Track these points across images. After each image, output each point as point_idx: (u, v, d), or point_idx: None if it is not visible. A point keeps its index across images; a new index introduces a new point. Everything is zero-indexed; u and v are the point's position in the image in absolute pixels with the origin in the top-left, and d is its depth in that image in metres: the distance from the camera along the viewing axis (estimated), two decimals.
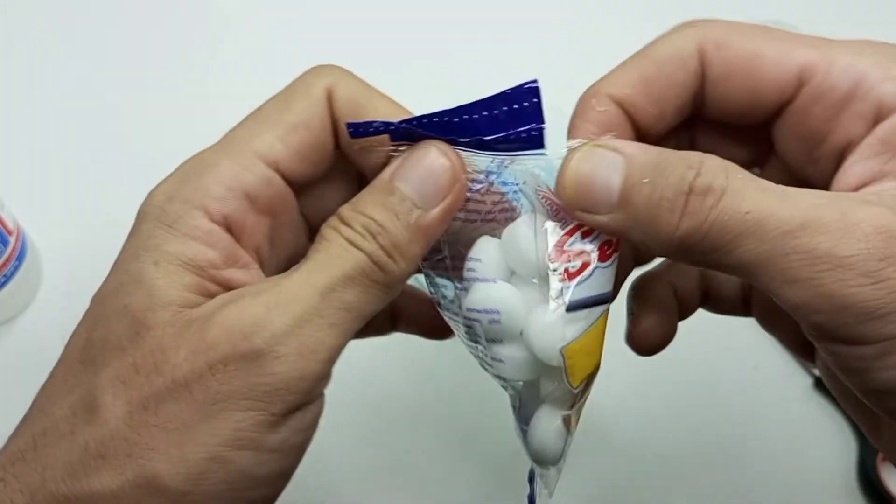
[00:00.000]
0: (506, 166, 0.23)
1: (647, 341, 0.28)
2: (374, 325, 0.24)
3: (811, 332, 0.21)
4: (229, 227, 0.22)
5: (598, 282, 0.23)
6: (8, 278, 0.39)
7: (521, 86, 0.21)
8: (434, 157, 0.22)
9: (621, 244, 0.23)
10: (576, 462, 0.39)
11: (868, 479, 0.38)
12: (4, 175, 0.43)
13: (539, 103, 0.22)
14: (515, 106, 0.22)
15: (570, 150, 0.22)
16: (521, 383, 0.25)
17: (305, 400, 0.20)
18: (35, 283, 0.42)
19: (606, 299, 0.23)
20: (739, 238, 0.20)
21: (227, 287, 0.21)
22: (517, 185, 0.23)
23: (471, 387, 0.41)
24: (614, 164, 0.21)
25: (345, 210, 0.22)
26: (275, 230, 0.24)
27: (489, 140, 0.22)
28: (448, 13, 0.58)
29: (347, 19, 0.56)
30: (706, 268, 0.23)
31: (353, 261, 0.21)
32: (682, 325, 0.43)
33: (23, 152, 0.48)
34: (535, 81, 0.21)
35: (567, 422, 0.25)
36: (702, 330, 0.44)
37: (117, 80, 0.51)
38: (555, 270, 0.23)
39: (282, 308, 0.20)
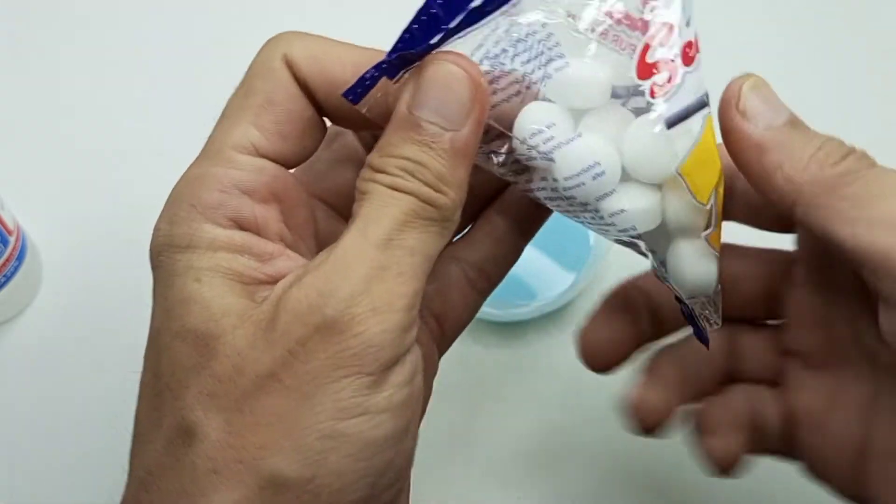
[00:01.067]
0: (511, 25, 0.21)
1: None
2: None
3: None
4: (242, 227, 0.21)
5: (689, 87, 0.21)
6: (8, 278, 0.39)
7: None
8: (444, 72, 0.20)
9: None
10: (574, 461, 0.39)
11: None
12: (4, 175, 0.43)
13: None
14: None
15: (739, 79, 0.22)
16: (652, 226, 0.23)
17: (396, 353, 0.19)
18: (35, 283, 0.42)
19: (703, 103, 0.22)
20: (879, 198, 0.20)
21: (275, 282, 0.20)
22: (537, 32, 0.21)
23: (463, 389, 0.41)
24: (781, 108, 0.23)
25: (374, 158, 0.20)
26: (287, 214, 0.22)
27: (477, 6, 0.20)
28: None
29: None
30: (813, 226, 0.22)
31: (400, 205, 0.20)
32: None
33: (23, 152, 0.48)
34: None
35: (711, 241, 0.23)
36: None
37: (118, 80, 0.51)
38: (640, 89, 0.21)
39: (342, 273, 0.19)
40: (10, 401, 0.39)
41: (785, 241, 0.28)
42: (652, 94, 0.21)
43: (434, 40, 0.21)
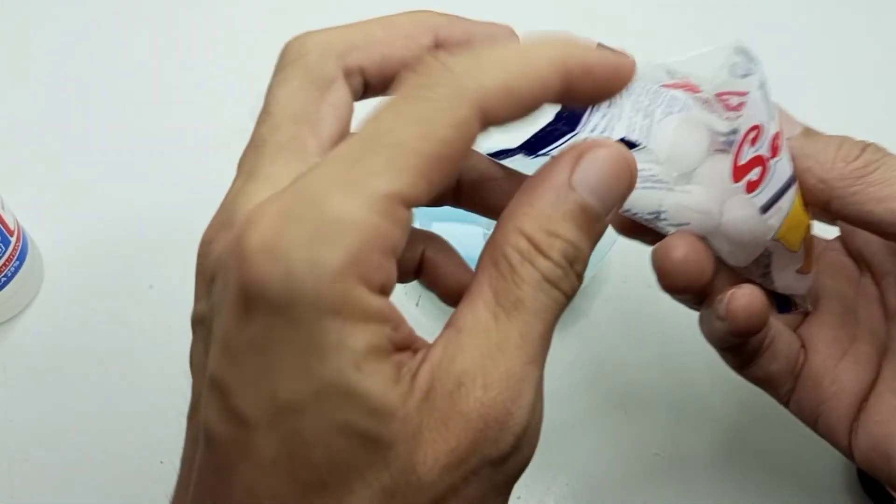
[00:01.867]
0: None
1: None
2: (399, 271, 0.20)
3: None
4: (384, 292, 0.18)
5: (778, 175, 0.24)
6: (9, 278, 0.39)
7: None
8: (614, 155, 0.19)
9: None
10: (573, 461, 0.39)
11: (868, 479, 0.38)
12: (5, 175, 0.43)
13: None
14: None
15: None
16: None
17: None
18: (36, 283, 0.42)
19: (791, 182, 0.25)
20: None
21: (405, 348, 0.19)
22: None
23: None
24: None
25: (531, 229, 0.19)
26: None
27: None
28: None
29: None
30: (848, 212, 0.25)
31: (556, 305, 0.19)
32: (681, 324, 0.43)
33: (24, 152, 0.48)
34: None
35: (802, 270, 0.27)
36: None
37: (118, 81, 0.51)
38: (738, 187, 0.25)
39: (518, 386, 0.18)
40: (10, 400, 0.39)
41: None
42: (748, 191, 0.25)
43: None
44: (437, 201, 0.22)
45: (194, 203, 0.46)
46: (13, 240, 0.39)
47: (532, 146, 0.25)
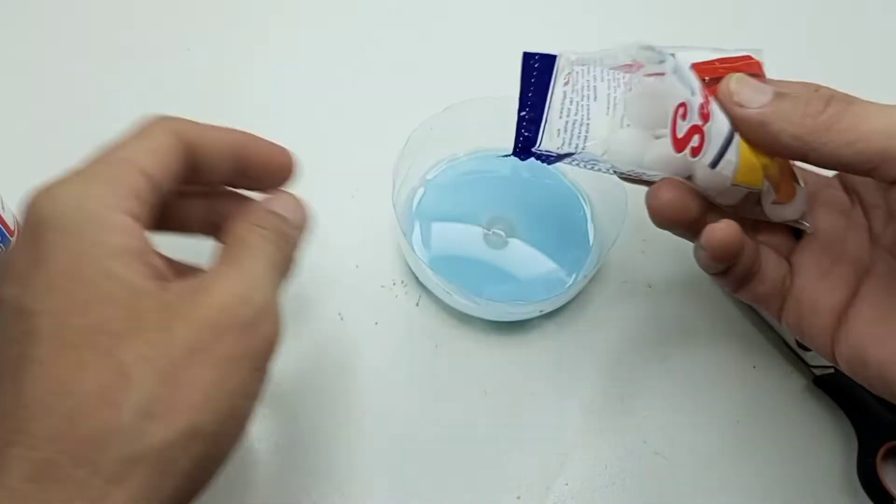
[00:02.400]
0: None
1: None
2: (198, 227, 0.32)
3: None
4: (135, 219, 0.26)
5: (716, 134, 0.29)
6: None
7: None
8: (295, 199, 0.31)
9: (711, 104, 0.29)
10: (573, 461, 0.39)
11: (868, 479, 0.38)
12: (5, 175, 0.43)
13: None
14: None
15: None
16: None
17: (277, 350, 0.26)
18: None
19: (730, 137, 0.29)
20: (872, 133, 0.27)
21: (156, 269, 0.26)
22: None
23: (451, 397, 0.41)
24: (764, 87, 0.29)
25: (253, 219, 0.29)
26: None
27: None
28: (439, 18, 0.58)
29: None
30: (832, 159, 0.28)
31: (272, 254, 0.28)
32: (681, 323, 0.43)
33: (23, 153, 0.48)
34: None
35: (778, 201, 0.32)
36: (700, 329, 0.44)
37: (118, 81, 0.51)
38: (683, 155, 0.30)
39: (255, 288, 0.26)
40: None
41: None
42: (692, 156, 0.30)
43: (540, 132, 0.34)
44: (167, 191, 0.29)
45: None
46: (13, 240, 0.39)
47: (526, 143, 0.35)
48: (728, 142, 0.29)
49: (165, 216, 0.30)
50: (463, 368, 0.41)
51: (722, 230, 0.30)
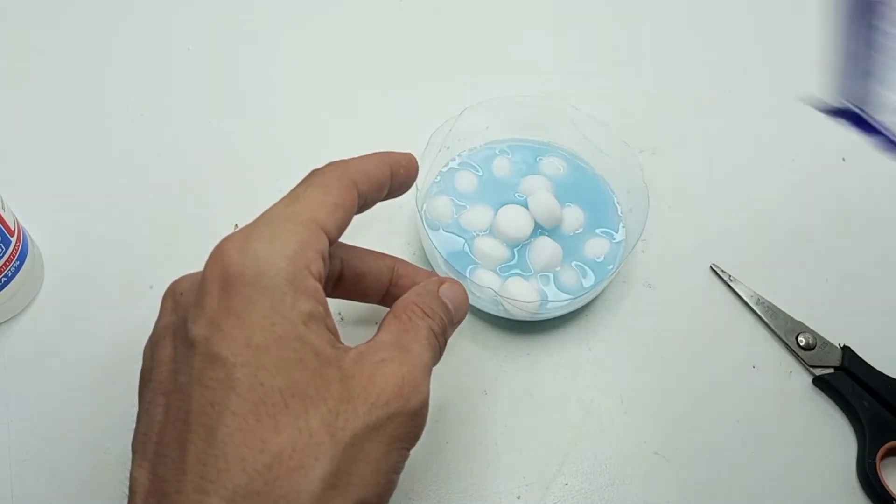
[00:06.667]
0: None
1: None
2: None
3: None
4: (319, 280, 0.27)
5: None
6: (9, 278, 0.39)
7: None
8: (462, 288, 0.34)
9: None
10: (573, 461, 0.39)
11: (868, 479, 0.38)
12: (5, 175, 0.43)
13: None
14: None
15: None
16: None
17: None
18: (36, 283, 0.42)
19: None
20: None
21: (333, 333, 0.27)
22: None
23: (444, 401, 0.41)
24: None
25: (423, 305, 0.31)
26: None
27: None
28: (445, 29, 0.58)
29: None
30: None
31: (433, 348, 0.30)
32: (681, 323, 0.43)
33: (24, 152, 0.48)
34: None
35: None
36: (700, 328, 0.44)
37: (118, 81, 0.51)
38: None
39: (423, 379, 0.27)
40: (10, 400, 0.39)
41: None
42: None
43: None
44: (330, 281, 0.33)
45: (195, 203, 0.46)
46: (13, 240, 0.39)
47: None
48: None
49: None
50: (463, 368, 0.41)
51: None
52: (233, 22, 0.55)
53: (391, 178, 0.32)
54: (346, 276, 0.34)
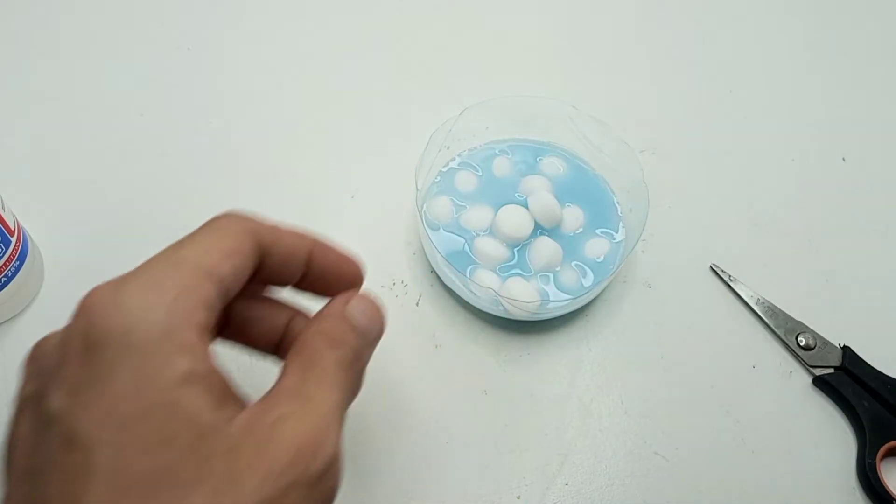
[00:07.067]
0: None
1: None
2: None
3: None
4: (202, 334, 0.23)
5: None
6: (9, 278, 0.39)
7: None
8: (374, 301, 0.29)
9: None
10: (573, 461, 0.39)
11: (867, 479, 0.38)
12: (5, 175, 0.43)
13: None
14: None
15: None
16: None
17: None
18: (36, 283, 0.42)
19: None
20: None
21: (220, 393, 0.23)
22: None
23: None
24: None
25: (329, 331, 0.27)
26: None
27: None
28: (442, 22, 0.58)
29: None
30: None
31: (346, 383, 0.26)
32: (681, 323, 0.43)
33: (24, 152, 0.48)
34: None
35: None
36: (700, 328, 0.44)
37: (118, 81, 0.51)
38: None
39: (327, 434, 0.23)
40: (10, 401, 0.39)
41: None
42: None
43: None
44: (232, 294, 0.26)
45: (195, 203, 0.46)
46: (13, 240, 0.39)
47: None
48: None
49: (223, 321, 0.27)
50: (463, 368, 0.41)
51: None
52: (233, 22, 0.55)
53: (309, 256, 0.28)
54: (231, 324, 0.29)
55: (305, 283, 0.29)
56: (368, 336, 0.27)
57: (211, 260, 0.24)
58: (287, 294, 0.30)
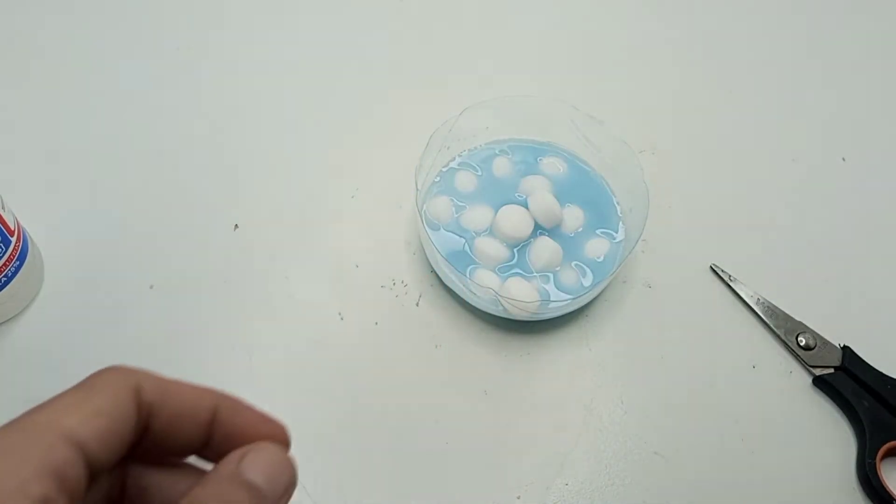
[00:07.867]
0: None
1: None
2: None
3: None
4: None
5: None
6: (9, 278, 0.39)
7: None
8: (280, 452, 0.23)
9: None
10: (573, 461, 0.39)
11: (867, 479, 0.38)
12: (5, 175, 0.43)
13: None
14: None
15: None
16: None
17: None
18: (36, 283, 0.42)
19: None
20: None
21: None
22: None
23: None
24: None
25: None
26: None
27: None
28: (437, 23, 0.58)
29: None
30: None
31: None
32: (681, 323, 0.43)
33: (24, 152, 0.48)
34: None
35: None
36: (700, 329, 0.44)
37: (118, 81, 0.51)
38: None
39: None
40: (10, 400, 0.39)
41: None
42: None
43: None
44: (108, 462, 0.23)
45: (195, 203, 0.46)
46: (13, 240, 0.39)
47: None
48: None
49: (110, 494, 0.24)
50: (463, 368, 0.41)
51: None
52: (233, 23, 0.55)
53: (212, 417, 0.24)
54: (127, 495, 0.25)
55: (210, 450, 0.24)
56: (270, 498, 0.22)
57: (71, 421, 0.21)
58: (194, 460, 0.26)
